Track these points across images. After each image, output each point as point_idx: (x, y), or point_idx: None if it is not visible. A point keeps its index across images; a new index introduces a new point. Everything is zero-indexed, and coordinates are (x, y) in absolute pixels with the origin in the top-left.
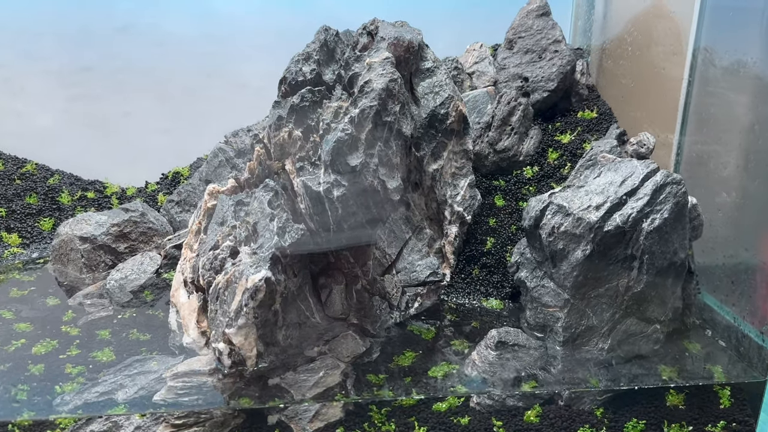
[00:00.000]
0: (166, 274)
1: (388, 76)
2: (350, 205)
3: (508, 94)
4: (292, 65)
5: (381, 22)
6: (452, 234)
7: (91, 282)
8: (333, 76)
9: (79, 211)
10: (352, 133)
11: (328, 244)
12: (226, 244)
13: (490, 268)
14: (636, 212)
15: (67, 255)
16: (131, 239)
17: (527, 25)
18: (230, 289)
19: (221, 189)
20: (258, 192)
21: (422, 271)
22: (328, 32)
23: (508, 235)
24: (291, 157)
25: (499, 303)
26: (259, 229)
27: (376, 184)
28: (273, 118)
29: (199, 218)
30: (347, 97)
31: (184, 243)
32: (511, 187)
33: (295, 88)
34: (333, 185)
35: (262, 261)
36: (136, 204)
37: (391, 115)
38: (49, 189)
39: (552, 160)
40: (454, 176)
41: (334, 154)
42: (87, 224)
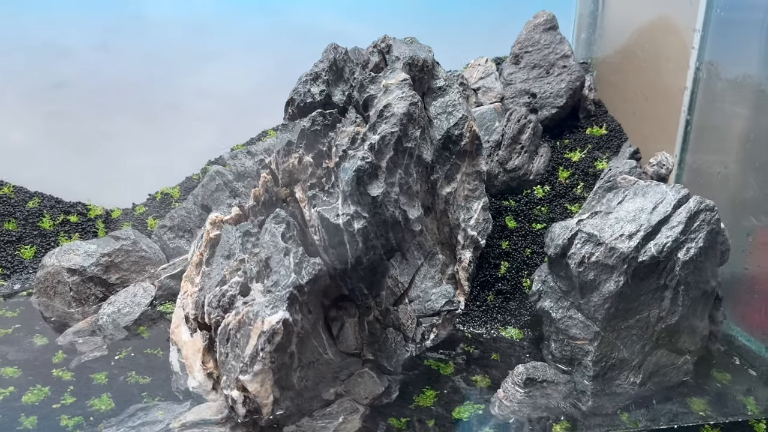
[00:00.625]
0: (162, 307)
1: (408, 100)
2: (371, 238)
3: (517, 112)
4: (300, 86)
5: (392, 40)
6: (466, 259)
7: (81, 317)
8: (343, 97)
9: (62, 237)
10: (372, 161)
11: (345, 278)
12: (234, 279)
13: (506, 294)
14: (671, 241)
15: (54, 288)
16: (123, 269)
17: (534, 39)
18: (243, 331)
19: (224, 218)
20: (269, 223)
21: (437, 300)
22: (337, 50)
23: (522, 258)
24: (301, 184)
25: (519, 332)
26: (272, 264)
27: (397, 215)
28: (282, 142)
29: (200, 249)
30: (362, 120)
31: (183, 275)
32: (522, 207)
33: (303, 110)
34: (353, 217)
35: (279, 301)
36: (127, 231)
37: (411, 140)
38: (29, 213)
39: (563, 179)
40: (467, 199)
41: (354, 184)
42: (75, 254)
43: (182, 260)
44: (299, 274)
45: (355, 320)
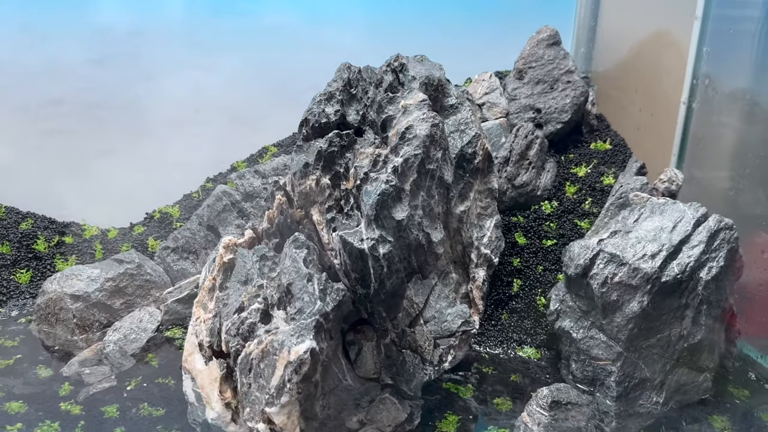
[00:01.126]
0: (169, 332)
1: (430, 121)
2: (395, 262)
3: (524, 128)
4: (314, 106)
5: (405, 59)
6: (480, 278)
7: (85, 344)
8: (357, 117)
9: (59, 259)
10: (396, 184)
11: (366, 302)
12: (254, 306)
13: (520, 312)
14: (693, 261)
15: (56, 315)
16: (127, 294)
17: (538, 54)
18: (268, 361)
19: (238, 241)
20: (288, 248)
21: (453, 320)
22: (350, 70)
23: (535, 276)
24: (318, 206)
25: (536, 352)
26: (295, 290)
27: (421, 238)
28: (298, 164)
29: (212, 274)
30: (381, 141)
31: (195, 301)
32: (531, 223)
33: (318, 131)
34: (378, 242)
35: (305, 329)
36: (131, 254)
37: (433, 162)
38: (23, 235)
39: (570, 194)
40: (479, 217)
41: (378, 208)
42: (78, 279)
43: (189, 283)
44: (324, 300)
45: (373, 344)
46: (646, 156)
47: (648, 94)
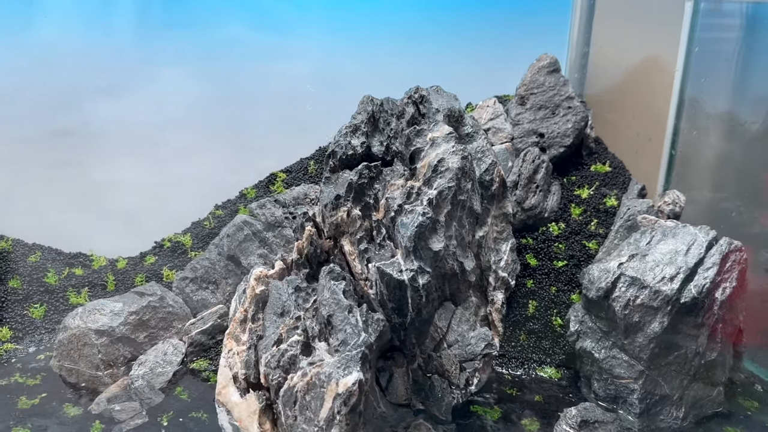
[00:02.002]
0: (194, 364)
1: (460, 154)
2: (432, 291)
3: (531, 153)
4: (340, 138)
5: (425, 91)
6: (498, 301)
7: (110, 380)
8: (381, 147)
9: (71, 292)
10: (432, 215)
11: (400, 330)
12: (294, 338)
13: (538, 333)
14: (709, 282)
15: (80, 351)
16: (150, 327)
17: (539, 81)
18: (314, 393)
19: (269, 273)
20: (325, 279)
21: (477, 343)
22: (373, 102)
23: (549, 297)
24: (348, 237)
25: (556, 371)
26: (336, 322)
27: (455, 267)
28: (329, 196)
29: (244, 305)
30: (410, 173)
31: (226, 333)
32: (540, 245)
33: (345, 162)
34: (418, 273)
35: (351, 361)
36: (152, 287)
37: (464, 193)
38: (32, 268)
39: (576, 215)
40: (496, 241)
41: (416, 240)
42: (101, 314)
43: (211, 314)
44: (368, 332)
45: (403, 370)
46: (644, 178)
47: (644, 118)
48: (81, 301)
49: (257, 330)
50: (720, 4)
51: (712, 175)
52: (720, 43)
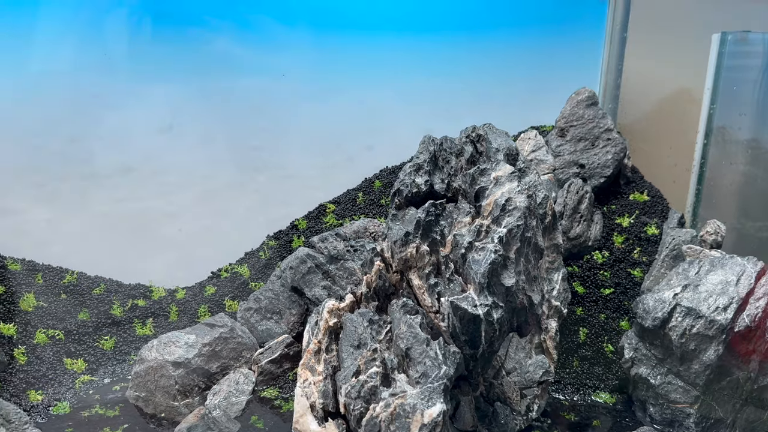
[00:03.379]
0: (264, 393)
1: (526, 193)
2: (504, 325)
3: (575, 184)
4: (405, 177)
5: (483, 130)
6: (552, 329)
7: (186, 410)
8: (443, 185)
9: (137, 324)
10: (503, 252)
11: (470, 360)
12: (372, 370)
13: (590, 360)
14: (761, 312)
15: (156, 382)
16: (222, 357)
17: (578, 114)
18: (399, 424)
19: (341, 306)
20: (400, 314)
21: (535, 370)
22: (434, 142)
23: (599, 324)
24: (417, 271)
25: (610, 397)
26: (414, 355)
27: (525, 301)
28: (398, 233)
29: (317, 337)
30: (476, 212)
31: (300, 363)
32: (586, 273)
33: (410, 200)
34: (492, 308)
35: (434, 393)
36: (222, 318)
37: (531, 230)
38: (98, 301)
39: (618, 244)
40: (548, 271)
41: (489, 276)
42: (176, 346)
43: (278, 343)
44: (447, 365)
45: (469, 398)
46: (682, 206)
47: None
48: (147, 332)
49: (332, 361)
50: (746, 35)
51: (744, 203)
52: (745, 71)
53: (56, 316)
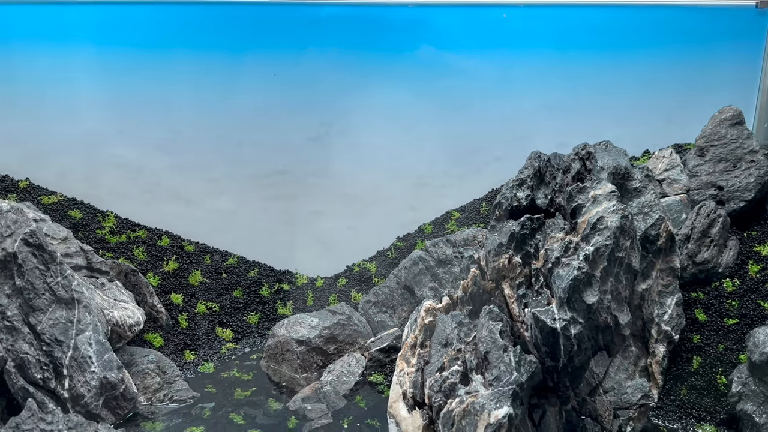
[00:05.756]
0: (372, 377)
1: (620, 213)
2: (584, 341)
3: (707, 206)
4: (507, 191)
5: (593, 148)
6: (660, 353)
7: (305, 383)
8: (546, 200)
9: (279, 304)
10: (587, 270)
11: (553, 372)
12: (454, 368)
13: (700, 390)
14: None
15: (283, 355)
16: (338, 341)
17: (720, 133)
18: (468, 420)
19: (437, 306)
20: (484, 319)
21: (633, 393)
22: (540, 158)
23: (716, 354)
24: (509, 281)
25: (715, 430)
26: (491, 359)
27: (609, 320)
28: (492, 244)
29: (414, 333)
30: (570, 228)
31: (399, 354)
32: (711, 300)
33: (510, 213)
34: (570, 323)
35: (503, 396)
36: (342, 307)
37: (622, 250)
38: (251, 282)
39: (753, 273)
40: (660, 294)
41: (570, 292)
42: (301, 327)
43: (388, 335)
44: (519, 372)
45: (556, 409)
46: None
47: None
48: (286, 312)
49: (424, 356)
50: None
51: None
52: None
53: (216, 291)
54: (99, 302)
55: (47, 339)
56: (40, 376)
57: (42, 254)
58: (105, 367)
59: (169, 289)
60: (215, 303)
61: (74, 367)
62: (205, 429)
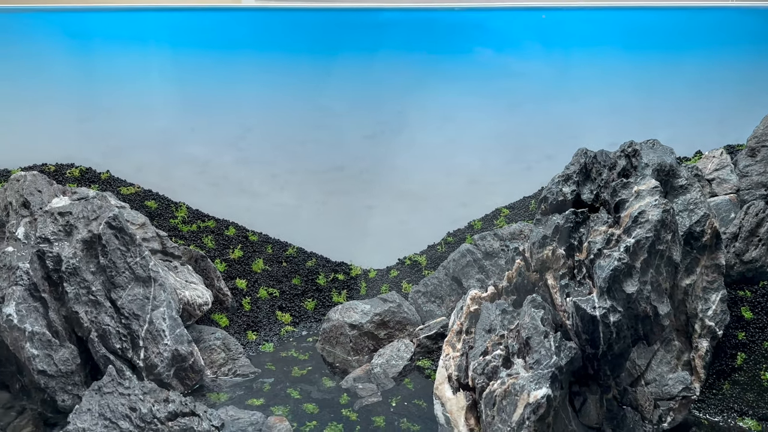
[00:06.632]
0: (419, 362)
1: (662, 207)
2: (623, 329)
3: (756, 206)
4: (552, 186)
5: (639, 145)
6: (703, 348)
7: (357, 364)
8: (591, 195)
9: (334, 293)
10: (627, 261)
11: (593, 360)
12: (497, 352)
13: (743, 385)
14: None
15: (337, 338)
16: (389, 327)
17: None
18: (509, 400)
19: (482, 295)
20: (527, 306)
21: (674, 385)
22: (586, 155)
23: (761, 351)
24: (552, 272)
25: (756, 424)
26: (533, 344)
27: (648, 310)
28: (537, 236)
29: (460, 320)
30: (613, 221)
31: (445, 340)
32: (759, 299)
33: (555, 207)
34: (609, 311)
35: (542, 378)
36: (393, 295)
37: (663, 243)
38: (309, 271)
39: None
40: (705, 290)
41: (611, 281)
42: (354, 312)
43: (436, 323)
44: (559, 356)
45: (596, 397)
46: None
47: None
48: (340, 300)
49: (469, 341)
50: None
51: None
52: None
53: (276, 278)
54: (172, 282)
55: (126, 313)
56: (119, 346)
57: (123, 236)
58: (176, 341)
59: (234, 274)
60: (276, 289)
61: (149, 339)
62: (265, 401)
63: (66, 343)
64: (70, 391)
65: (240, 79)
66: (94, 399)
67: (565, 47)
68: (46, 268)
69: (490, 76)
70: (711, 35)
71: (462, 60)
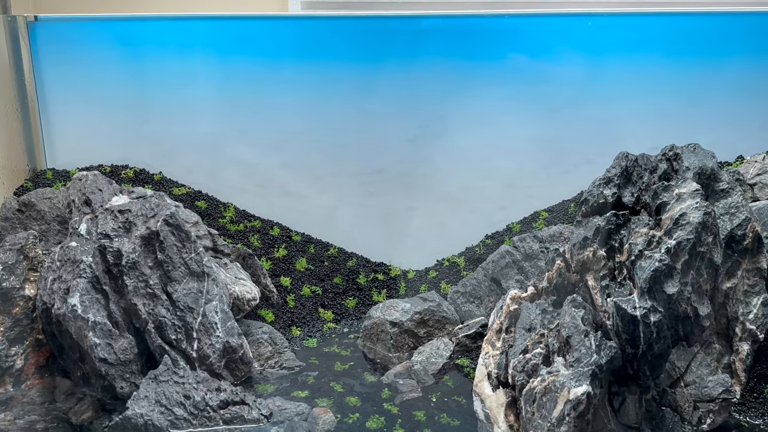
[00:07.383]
0: (458, 360)
1: (703, 210)
2: (663, 330)
3: None
4: (593, 188)
5: (680, 149)
6: (743, 351)
7: (397, 361)
8: (632, 198)
9: (374, 292)
10: (668, 262)
11: (633, 360)
12: (537, 351)
13: None
14: None
15: (378, 336)
16: (429, 325)
17: None
18: (549, 397)
19: (522, 295)
20: (568, 306)
21: (714, 387)
22: (627, 158)
23: None
24: (593, 273)
25: None
26: (573, 342)
27: (689, 311)
28: (578, 237)
29: (500, 319)
30: (654, 224)
31: (485, 339)
32: None
33: (595, 209)
34: (650, 311)
35: (582, 376)
36: (432, 294)
37: (704, 245)
38: (350, 271)
39: None
40: (746, 294)
41: (651, 282)
42: (395, 310)
43: (475, 323)
44: (599, 354)
45: (636, 397)
46: None
47: None
48: (380, 299)
49: (509, 340)
50: None
51: None
52: None
53: (318, 277)
54: (223, 278)
55: (181, 306)
56: (174, 337)
57: (179, 233)
58: (228, 333)
59: (279, 272)
60: (318, 287)
61: (202, 331)
62: (310, 393)
63: (125, 333)
64: (128, 379)
65: (285, 85)
66: (150, 387)
67: (604, 53)
68: (107, 263)
69: (528, 81)
70: (752, 40)
71: (499, 65)
